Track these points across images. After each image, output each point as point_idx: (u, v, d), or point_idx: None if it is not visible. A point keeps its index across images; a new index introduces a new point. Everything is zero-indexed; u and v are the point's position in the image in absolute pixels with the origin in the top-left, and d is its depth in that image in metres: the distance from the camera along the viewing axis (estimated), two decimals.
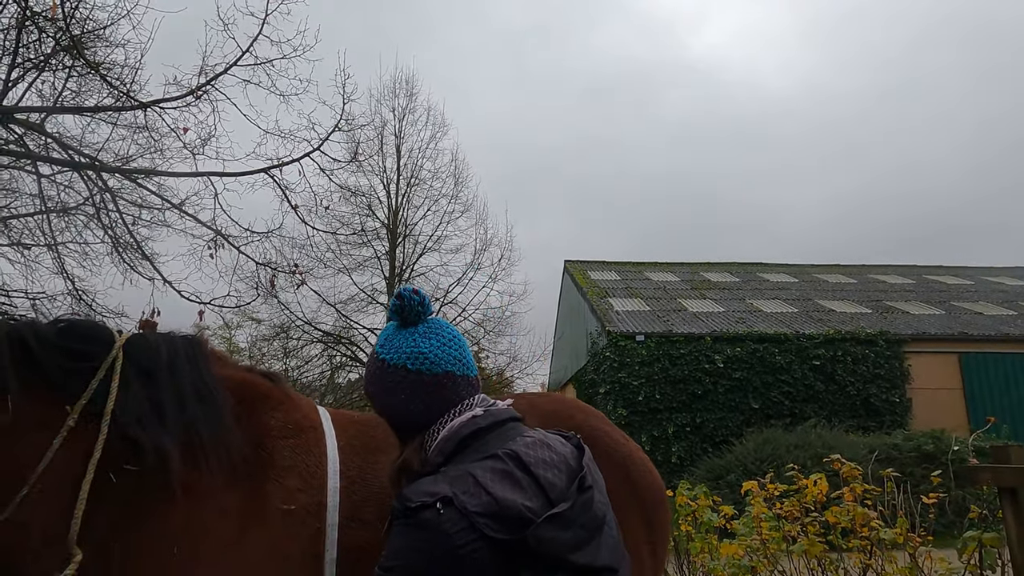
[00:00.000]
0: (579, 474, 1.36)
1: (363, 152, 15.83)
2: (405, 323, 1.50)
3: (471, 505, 1.22)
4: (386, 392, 1.46)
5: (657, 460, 15.33)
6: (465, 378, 1.48)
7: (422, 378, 1.43)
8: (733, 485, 10.34)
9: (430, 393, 1.43)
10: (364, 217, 20.96)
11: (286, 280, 10.76)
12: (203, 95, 8.72)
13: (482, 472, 1.28)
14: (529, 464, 1.31)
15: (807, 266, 25.30)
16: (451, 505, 1.22)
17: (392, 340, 1.49)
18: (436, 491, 1.24)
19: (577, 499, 1.30)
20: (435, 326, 1.51)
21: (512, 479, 1.28)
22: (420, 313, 1.50)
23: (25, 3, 8.12)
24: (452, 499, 1.22)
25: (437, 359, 1.45)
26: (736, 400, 16.07)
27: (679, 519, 5.19)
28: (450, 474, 1.30)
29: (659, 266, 24.71)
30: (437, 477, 1.30)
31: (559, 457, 1.38)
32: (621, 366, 16.22)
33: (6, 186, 12.34)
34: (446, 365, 1.45)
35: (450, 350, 1.48)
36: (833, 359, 16.44)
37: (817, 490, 4.02)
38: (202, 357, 1.68)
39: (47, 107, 9.68)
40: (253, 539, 1.52)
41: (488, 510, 1.22)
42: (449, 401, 1.44)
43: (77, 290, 11.43)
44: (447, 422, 1.42)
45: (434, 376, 1.44)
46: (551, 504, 1.27)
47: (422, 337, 1.48)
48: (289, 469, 1.63)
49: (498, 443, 1.37)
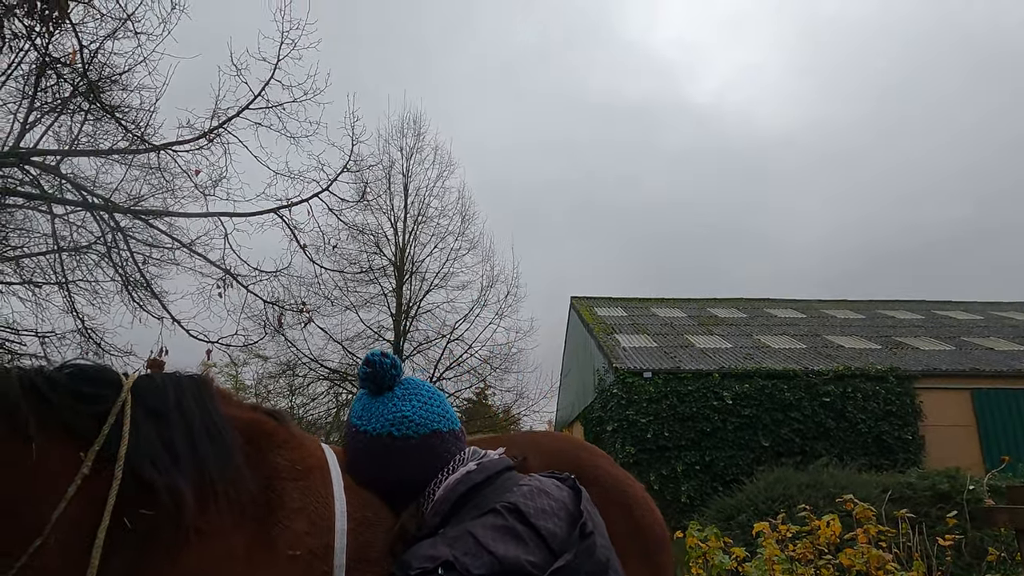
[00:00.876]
0: (579, 520, 1.33)
1: (371, 191, 16.07)
2: (380, 389, 1.45)
3: (473, 567, 1.19)
4: (373, 464, 1.41)
5: (667, 499, 15.08)
6: (452, 432, 1.44)
7: (409, 443, 1.39)
8: (744, 525, 10.13)
9: (420, 456, 1.39)
10: (371, 255, 21.11)
11: (293, 318, 10.82)
12: (215, 138, 8.91)
13: (482, 531, 1.25)
14: (529, 515, 1.29)
15: (814, 301, 25.22)
16: (453, 569, 1.19)
17: (370, 409, 1.44)
18: (436, 555, 1.21)
19: (579, 547, 1.28)
20: (412, 386, 1.47)
21: (513, 534, 1.25)
22: (394, 376, 1.45)
23: (45, 49, 8.36)
24: (454, 563, 1.19)
25: (422, 420, 1.41)
26: (746, 438, 15.86)
27: (690, 561, 5.09)
28: (449, 535, 1.27)
29: (665, 302, 24.68)
30: (436, 540, 1.27)
31: (558, 504, 1.36)
32: (629, 403, 16.08)
33: (19, 226, 12.54)
34: (432, 424, 1.42)
35: (432, 408, 1.44)
36: (843, 395, 16.25)
37: (830, 531, 3.95)
38: (209, 396, 1.67)
39: (63, 150, 9.90)
40: None
41: (491, 571, 1.20)
42: (441, 459, 1.41)
43: (86, 328, 11.50)
44: (441, 481, 1.39)
45: (422, 438, 1.40)
46: (553, 555, 1.25)
47: (401, 400, 1.43)
48: (297, 512, 1.61)
49: (495, 496, 1.34)
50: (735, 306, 24.30)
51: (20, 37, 8.09)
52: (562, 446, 2.21)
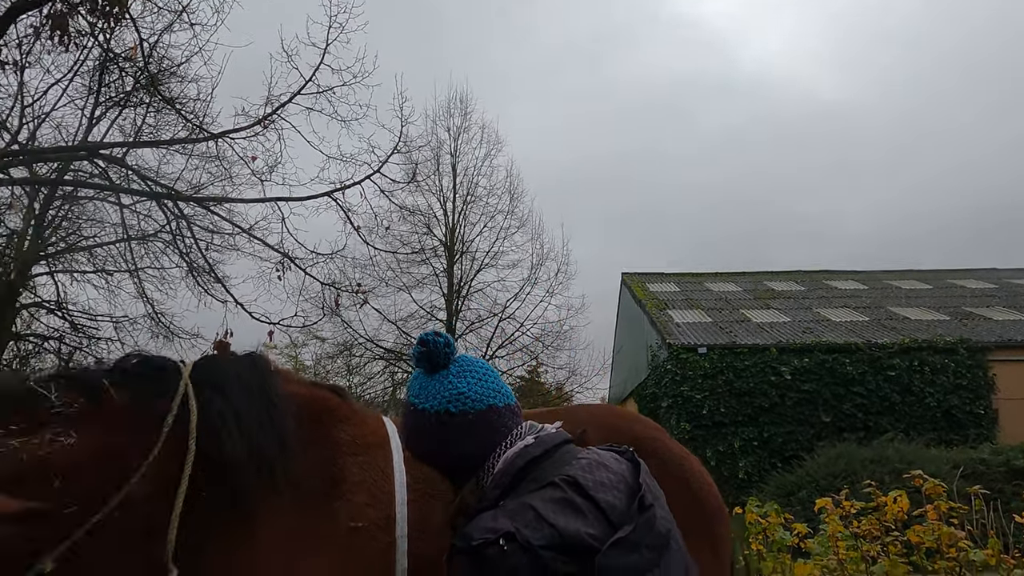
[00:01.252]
0: (638, 492, 1.33)
1: (420, 172, 16.18)
2: (435, 368, 1.48)
3: (534, 539, 1.20)
4: (432, 441, 1.44)
5: (723, 475, 14.92)
6: (508, 407, 1.46)
7: (466, 419, 1.41)
8: (805, 502, 9.94)
9: (478, 432, 1.42)
10: (422, 235, 21.35)
11: (349, 299, 11.06)
12: (270, 124, 9.11)
13: (542, 503, 1.26)
14: (587, 488, 1.29)
15: (878, 272, 24.25)
16: (514, 540, 1.20)
17: (427, 387, 1.46)
18: (498, 527, 1.22)
19: (639, 520, 1.28)
20: (465, 364, 1.49)
21: (572, 507, 1.26)
22: (448, 354, 1.47)
23: (107, 45, 8.69)
24: (515, 534, 1.20)
25: (478, 396, 1.43)
26: (805, 413, 15.50)
27: (749, 537, 5.03)
28: (509, 508, 1.28)
29: (720, 276, 24.17)
30: (496, 512, 1.29)
31: (616, 476, 1.35)
32: (683, 379, 15.90)
33: (91, 217, 13.20)
34: (487, 400, 1.44)
35: (487, 384, 1.46)
36: (910, 369, 15.66)
37: (898, 508, 3.83)
38: (269, 374, 1.72)
39: (128, 142, 10.31)
40: (324, 555, 1.54)
41: (552, 542, 1.20)
42: (498, 434, 1.43)
43: (156, 313, 12.07)
44: (499, 456, 1.41)
45: (478, 414, 1.42)
46: (613, 527, 1.25)
47: (456, 378, 1.46)
48: (359, 485, 1.66)
49: (554, 470, 1.35)
50: (793, 279, 23.60)
51: (84, 34, 8.42)
52: (618, 420, 2.21)
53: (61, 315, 13.17)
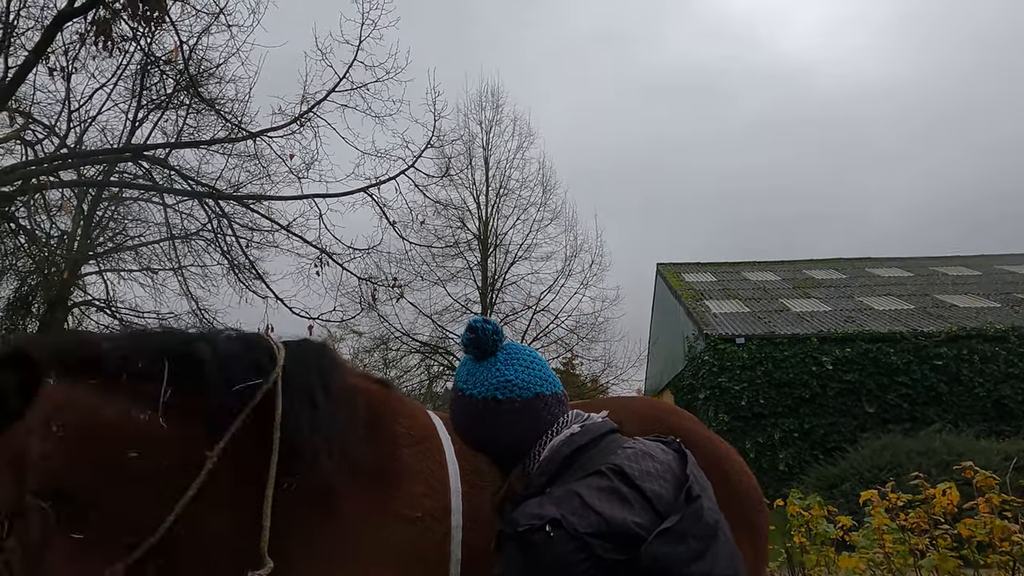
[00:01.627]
0: (685, 483, 1.33)
1: (453, 166, 16.26)
2: (483, 355, 1.49)
3: (581, 526, 1.21)
4: (480, 427, 1.46)
5: (763, 467, 14.71)
6: (554, 396, 1.47)
7: (514, 406, 1.43)
8: (848, 495, 9.75)
9: (524, 419, 1.43)
10: (456, 229, 21.45)
11: (385, 293, 11.20)
12: (306, 122, 9.26)
13: (588, 491, 1.27)
14: (634, 477, 1.29)
15: (923, 258, 23.52)
16: (560, 527, 1.21)
17: (475, 374, 1.48)
18: (544, 513, 1.23)
19: (686, 510, 1.28)
20: (513, 351, 1.50)
21: (619, 495, 1.27)
22: (496, 342, 1.49)
23: (148, 49, 8.92)
24: (561, 521, 1.21)
25: (525, 384, 1.45)
26: (848, 404, 15.17)
27: (791, 530, 4.97)
28: (555, 495, 1.29)
29: (757, 265, 23.74)
30: (543, 499, 1.29)
31: (663, 466, 1.36)
32: (721, 370, 15.70)
33: (136, 216, 13.61)
34: (534, 388, 1.45)
35: (534, 372, 1.47)
36: (958, 358, 15.20)
37: (947, 500, 3.74)
38: (336, 366, 1.76)
39: (170, 143, 10.58)
40: (385, 547, 1.57)
41: (598, 530, 1.21)
42: (544, 422, 1.44)
43: (200, 309, 12.40)
44: (546, 443, 1.42)
45: (525, 401, 1.43)
46: (660, 517, 1.25)
47: (504, 365, 1.47)
48: (416, 475, 1.69)
49: (600, 458, 1.35)
50: (833, 267, 23.06)
51: (126, 39, 8.67)
52: (652, 410, 2.21)
53: (110, 313, 13.63)
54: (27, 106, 9.49)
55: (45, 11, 8.90)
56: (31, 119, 9.57)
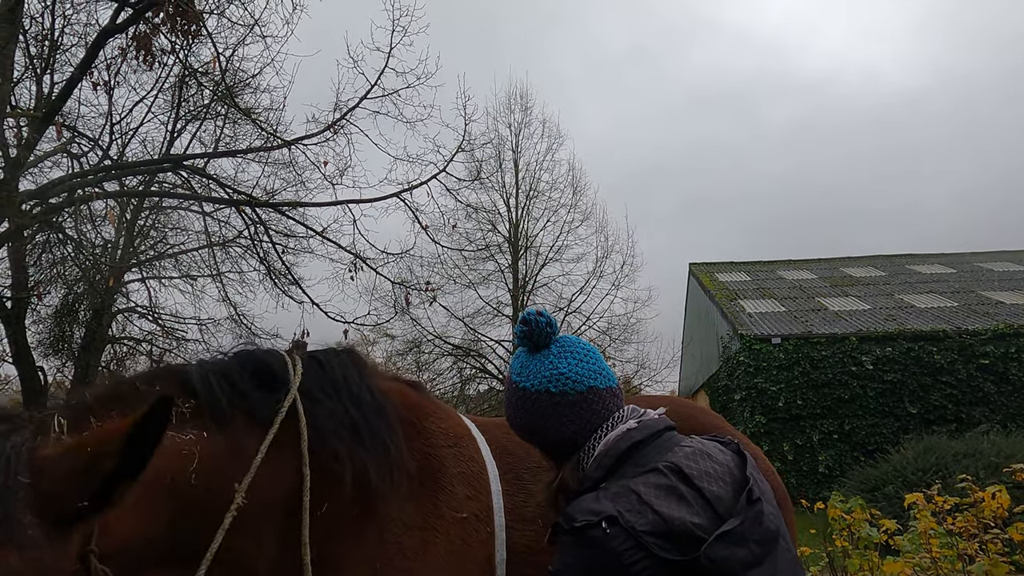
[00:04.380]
0: (746, 485, 1.30)
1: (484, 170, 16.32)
2: (536, 347, 1.48)
3: (638, 524, 1.18)
4: (533, 419, 1.44)
5: (802, 470, 14.44)
6: (609, 390, 1.45)
7: (567, 399, 1.41)
8: (891, 498, 9.50)
9: (578, 412, 1.41)
10: (487, 232, 21.51)
11: (418, 297, 11.29)
12: (339, 129, 9.39)
13: (645, 488, 1.24)
14: (692, 477, 1.27)
15: (966, 254, 22.82)
16: (617, 524, 1.19)
17: (528, 366, 1.47)
18: (600, 509, 1.22)
19: (747, 513, 1.24)
20: (567, 344, 1.48)
21: (677, 494, 1.24)
22: (550, 334, 1.48)
23: (186, 61, 9.15)
24: (617, 518, 1.19)
25: (579, 377, 1.43)
26: (890, 404, 14.79)
27: (833, 534, 4.86)
28: (611, 490, 1.27)
29: (793, 264, 23.31)
30: (599, 494, 1.28)
31: (722, 467, 1.33)
32: (757, 371, 15.45)
33: (176, 225, 13.97)
34: (588, 381, 1.43)
35: (589, 365, 1.45)
36: (1005, 357, 14.71)
37: (997, 504, 3.63)
38: (366, 371, 1.75)
39: (208, 152, 10.84)
40: (434, 551, 1.57)
41: (656, 529, 1.19)
42: (598, 416, 1.42)
43: (238, 315, 12.66)
44: (601, 437, 1.40)
45: (579, 395, 1.42)
46: (719, 519, 1.23)
47: (558, 358, 1.45)
48: (458, 477, 1.69)
49: (657, 455, 1.33)
50: (872, 264, 22.52)
51: (165, 52, 8.91)
52: (680, 408, 2.20)
53: (152, 319, 14.01)
54: (72, 120, 9.82)
55: (88, 28, 9.22)
56: (76, 133, 9.89)
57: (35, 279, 10.11)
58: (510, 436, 1.91)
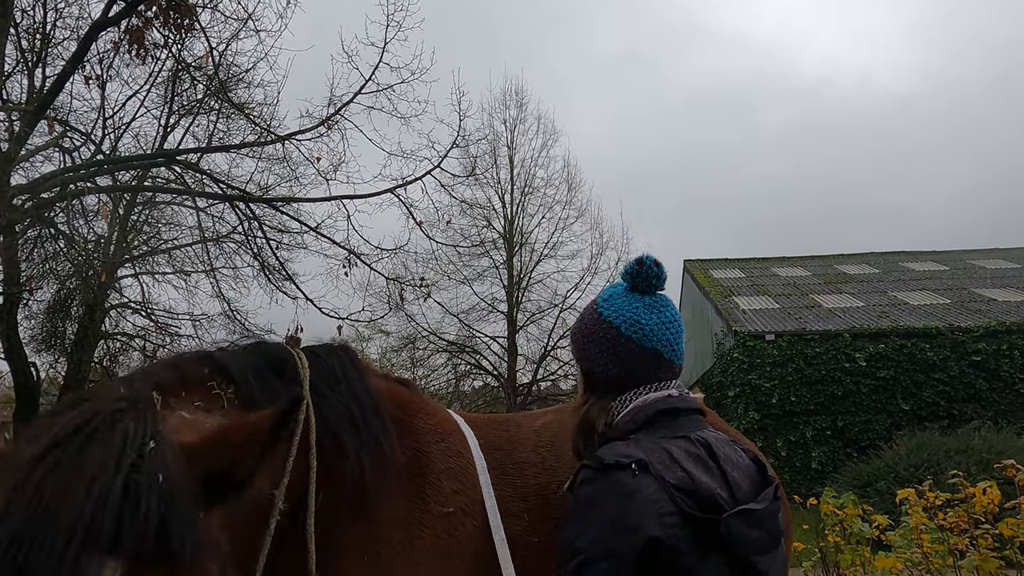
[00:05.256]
0: (768, 485, 1.33)
1: (478, 165, 16.29)
2: (634, 288, 1.49)
3: (667, 476, 1.20)
4: (593, 345, 1.46)
5: (796, 466, 14.50)
6: (669, 363, 1.46)
7: (630, 346, 1.43)
8: (884, 493, 9.55)
9: (632, 362, 1.42)
10: (482, 228, 21.51)
11: (412, 293, 11.30)
12: (333, 124, 9.36)
13: (677, 450, 1.26)
14: (719, 457, 1.29)
15: (959, 252, 22.94)
16: (647, 471, 1.19)
17: (616, 299, 1.48)
18: (631, 454, 1.23)
19: (771, 504, 1.28)
20: (661, 303, 1.49)
21: (705, 465, 1.26)
22: (652, 285, 1.48)
23: (179, 55, 9.10)
24: (648, 465, 1.20)
25: (651, 334, 1.44)
26: (883, 401, 14.87)
27: (825, 529, 4.89)
28: (643, 444, 1.28)
29: (787, 261, 23.38)
30: (630, 443, 1.29)
31: (744, 463, 1.36)
32: (751, 368, 15.50)
33: (169, 220, 13.90)
34: (656, 343, 1.44)
35: (666, 331, 1.46)
36: (997, 354, 14.79)
37: (987, 499, 3.64)
38: (361, 368, 1.77)
39: (201, 147, 10.77)
40: (420, 544, 1.58)
41: (684, 485, 1.20)
42: (648, 376, 1.43)
43: (232, 310, 12.62)
44: (641, 394, 1.41)
45: (642, 348, 1.43)
46: (736, 502, 1.24)
47: (645, 308, 1.46)
48: (445, 472, 1.70)
49: (688, 428, 1.35)
50: (866, 261, 22.61)
51: (158, 47, 8.85)
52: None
53: (145, 315, 13.95)
54: (64, 114, 9.75)
55: (80, 21, 9.15)
56: (68, 127, 9.82)
57: (27, 274, 10.04)
58: (497, 432, 1.92)
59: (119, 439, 0.96)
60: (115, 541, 0.87)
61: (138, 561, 0.88)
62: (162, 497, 0.91)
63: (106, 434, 0.97)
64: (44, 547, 0.84)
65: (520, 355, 21.45)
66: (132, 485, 0.90)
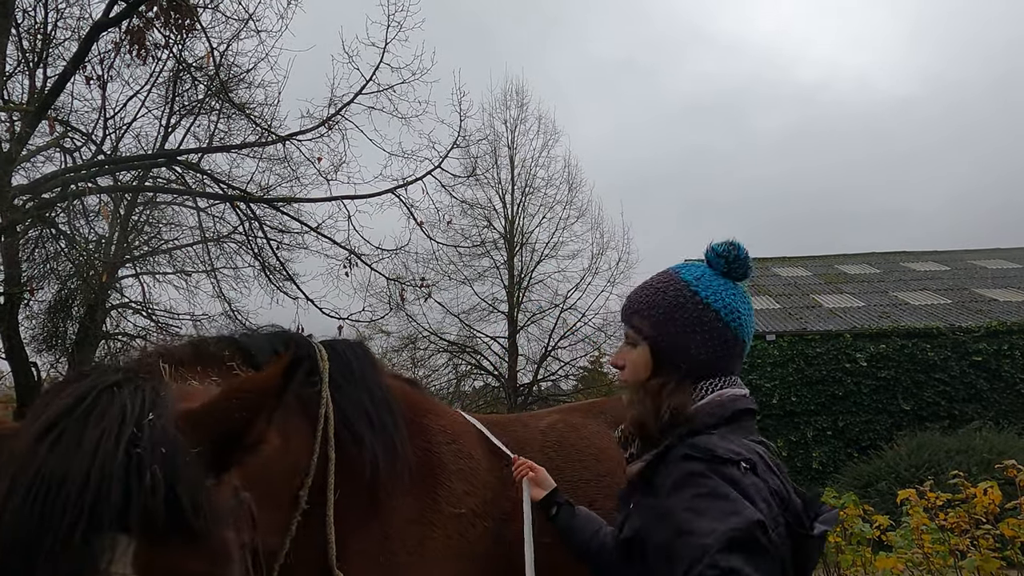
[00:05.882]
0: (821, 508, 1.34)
1: (479, 166, 16.30)
2: (727, 273, 1.45)
3: (771, 481, 1.18)
4: (679, 321, 1.38)
5: (797, 466, 14.49)
6: (742, 355, 1.45)
7: (727, 334, 1.38)
8: (884, 494, 9.56)
9: (722, 350, 1.38)
10: (483, 229, 21.50)
11: (413, 293, 11.30)
12: (334, 125, 9.37)
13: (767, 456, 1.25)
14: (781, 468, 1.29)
15: (960, 252, 22.91)
16: (755, 472, 1.17)
17: (711, 282, 1.42)
18: (739, 451, 1.19)
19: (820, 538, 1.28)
20: (744, 296, 1.47)
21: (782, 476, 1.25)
22: (739, 272, 1.47)
23: (180, 56, 9.11)
24: (756, 466, 1.17)
25: (747, 325, 1.42)
26: (883, 401, 14.86)
27: None
28: (736, 442, 1.24)
29: (788, 261, 23.37)
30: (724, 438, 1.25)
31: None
32: (751, 368, 15.49)
33: (170, 220, 13.91)
34: (746, 335, 1.43)
35: (752, 324, 1.45)
36: (998, 354, 14.78)
37: (988, 500, 3.64)
38: (375, 365, 1.78)
39: (202, 148, 10.79)
40: (432, 545, 1.59)
41: (780, 492, 1.19)
42: (728, 366, 1.40)
43: (233, 311, 12.62)
44: (718, 387, 1.37)
45: (736, 339, 1.40)
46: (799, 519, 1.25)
47: (740, 296, 1.44)
48: (456, 473, 1.71)
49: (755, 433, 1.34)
50: (866, 261, 22.59)
51: (159, 47, 8.87)
52: None
53: (146, 315, 13.95)
54: (65, 114, 9.75)
55: (81, 21, 9.16)
56: (69, 127, 9.82)
57: (28, 274, 10.06)
58: (503, 432, 1.92)
59: (118, 411, 0.94)
60: (122, 516, 0.86)
61: (148, 535, 0.87)
62: (166, 468, 0.89)
63: (106, 407, 0.95)
64: (51, 529, 0.83)
65: (521, 355, 21.46)
66: (134, 458, 0.89)
